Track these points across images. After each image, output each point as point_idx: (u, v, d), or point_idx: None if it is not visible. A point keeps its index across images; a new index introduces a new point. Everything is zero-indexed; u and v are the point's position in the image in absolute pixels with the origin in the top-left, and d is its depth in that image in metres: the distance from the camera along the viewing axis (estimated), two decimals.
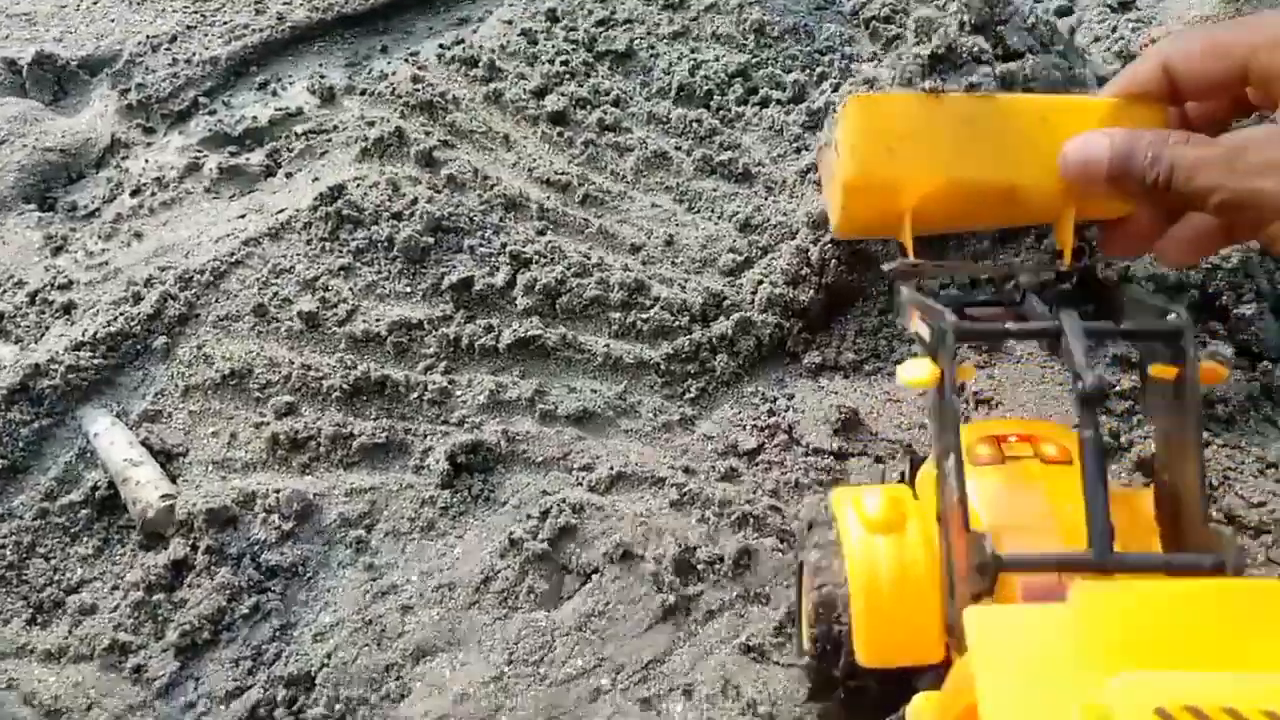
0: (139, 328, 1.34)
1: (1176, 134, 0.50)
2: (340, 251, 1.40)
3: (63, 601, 1.11)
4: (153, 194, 1.62)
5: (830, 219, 0.64)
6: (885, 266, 0.68)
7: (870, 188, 0.58)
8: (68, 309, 1.41)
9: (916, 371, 0.54)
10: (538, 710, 0.96)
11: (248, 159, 1.66)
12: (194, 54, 1.92)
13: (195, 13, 2.05)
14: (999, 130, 0.57)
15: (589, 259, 1.38)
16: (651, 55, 1.78)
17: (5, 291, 1.48)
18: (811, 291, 1.28)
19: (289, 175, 1.62)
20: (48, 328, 1.39)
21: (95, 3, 2.16)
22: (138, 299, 1.37)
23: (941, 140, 0.57)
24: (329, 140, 1.66)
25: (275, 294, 1.36)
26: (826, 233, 1.29)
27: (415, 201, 1.44)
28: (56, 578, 1.13)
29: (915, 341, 0.59)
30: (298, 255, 1.41)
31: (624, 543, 1.07)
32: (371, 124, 1.61)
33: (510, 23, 1.84)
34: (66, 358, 1.29)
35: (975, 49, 0.47)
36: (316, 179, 1.56)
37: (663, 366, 1.28)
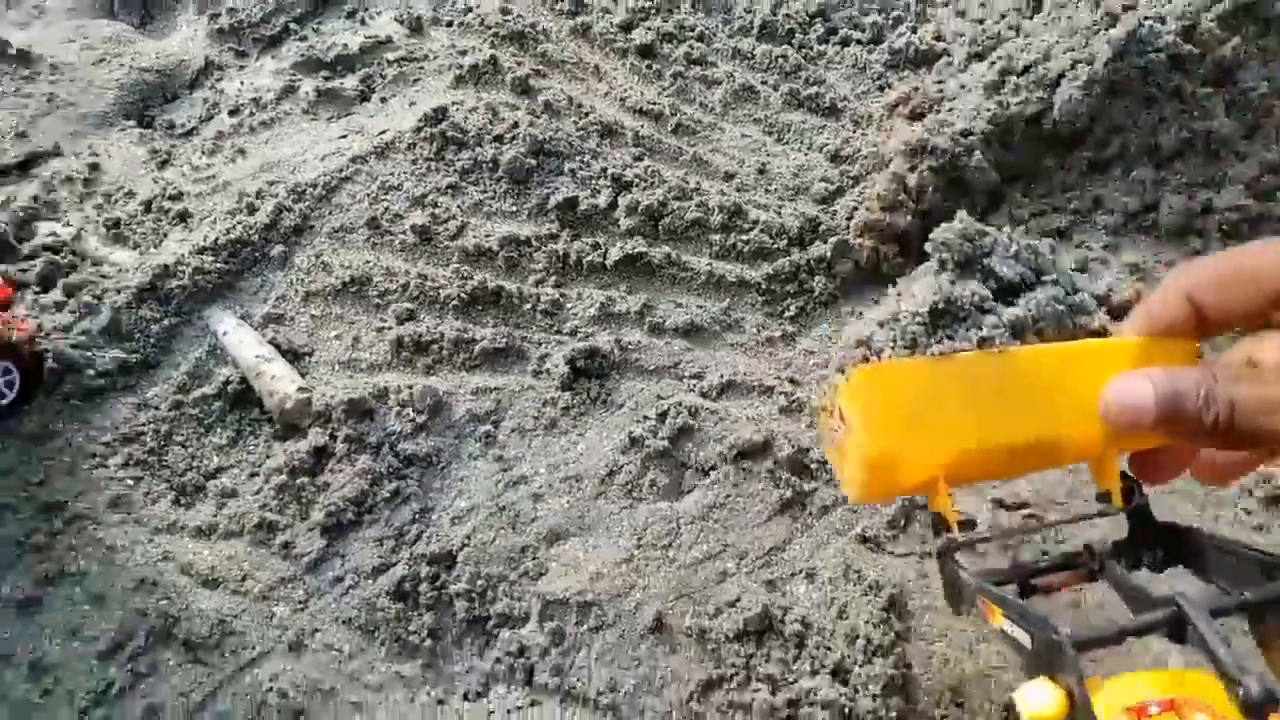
0: (256, 236, 1.38)
1: (1221, 370, 0.47)
2: (446, 171, 1.45)
3: (203, 486, 1.16)
4: (251, 114, 1.67)
5: (845, 489, 0.57)
6: (931, 547, 0.59)
7: (893, 463, 0.52)
8: (183, 217, 1.46)
9: (1041, 700, 0.45)
10: (669, 589, 1.03)
11: (342, 83, 1.70)
12: None
13: None
14: (1022, 385, 0.53)
15: (687, 184, 1.43)
16: None
17: (118, 201, 1.53)
18: (908, 217, 1.33)
19: (384, 100, 1.66)
20: (165, 234, 1.44)
21: None
22: (252, 210, 1.42)
23: (962, 404, 0.52)
24: (420, 68, 1.71)
25: (386, 209, 1.41)
26: (922, 161, 1.34)
27: (516, 125, 1.48)
28: (195, 464, 1.18)
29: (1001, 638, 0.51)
30: (404, 174, 1.45)
31: (740, 443, 1.13)
32: (464, 53, 1.65)
33: None
34: (191, 260, 1.34)
35: (976, 297, 0.45)
36: (413, 104, 1.61)
37: (763, 286, 1.33)
